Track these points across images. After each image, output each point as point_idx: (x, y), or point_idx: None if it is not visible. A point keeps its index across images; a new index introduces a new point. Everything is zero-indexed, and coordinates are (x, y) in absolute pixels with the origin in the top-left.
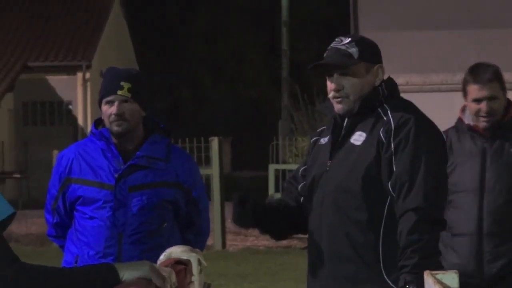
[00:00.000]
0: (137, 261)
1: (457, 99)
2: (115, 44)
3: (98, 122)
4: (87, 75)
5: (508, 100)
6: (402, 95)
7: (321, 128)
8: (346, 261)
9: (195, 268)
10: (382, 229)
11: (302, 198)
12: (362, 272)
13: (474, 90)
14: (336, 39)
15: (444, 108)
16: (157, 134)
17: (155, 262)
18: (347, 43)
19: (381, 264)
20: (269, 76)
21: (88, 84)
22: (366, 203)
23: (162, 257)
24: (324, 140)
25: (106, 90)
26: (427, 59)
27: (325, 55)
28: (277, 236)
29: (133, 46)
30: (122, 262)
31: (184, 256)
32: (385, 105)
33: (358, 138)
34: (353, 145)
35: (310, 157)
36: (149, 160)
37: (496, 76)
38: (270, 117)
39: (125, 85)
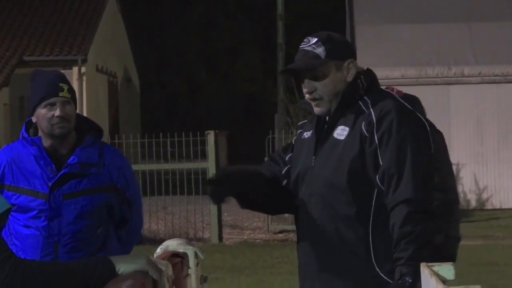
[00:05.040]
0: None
1: (453, 92)
2: (110, 39)
3: (28, 125)
4: (83, 69)
5: None
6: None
7: (303, 121)
8: (337, 256)
9: (191, 261)
10: (371, 222)
11: (285, 181)
12: (353, 266)
13: None
14: (304, 40)
15: (440, 101)
16: (89, 137)
17: None
18: (314, 43)
19: (373, 257)
20: (265, 70)
21: (84, 78)
22: (354, 198)
23: (158, 250)
24: (307, 134)
25: (46, 92)
26: (423, 52)
27: (295, 57)
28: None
29: (129, 40)
30: (118, 255)
31: (181, 249)
32: (365, 97)
33: (341, 132)
34: (336, 139)
35: (294, 152)
36: (82, 166)
37: None
38: (266, 110)
39: (64, 86)
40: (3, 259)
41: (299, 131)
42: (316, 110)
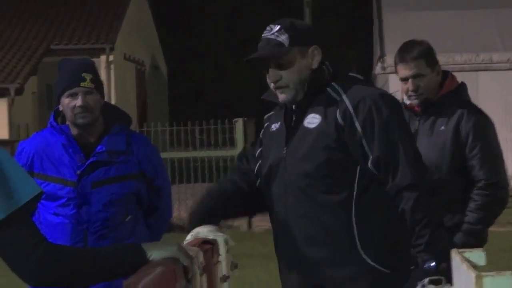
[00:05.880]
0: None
1: (481, 78)
2: (138, 27)
3: (56, 114)
4: (111, 57)
5: (446, 75)
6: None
7: (269, 114)
8: (321, 246)
9: (222, 248)
10: (353, 209)
11: (258, 181)
12: (337, 255)
13: (399, 69)
14: (267, 28)
15: (468, 88)
16: (117, 125)
17: None
18: (277, 31)
19: (358, 244)
20: None
21: (112, 66)
22: (333, 186)
23: (189, 237)
24: (275, 127)
25: (68, 82)
26: (450, 39)
27: (258, 45)
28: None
29: (156, 28)
30: (149, 242)
31: (211, 236)
32: (334, 84)
33: (311, 120)
34: (307, 128)
35: (263, 144)
36: (110, 154)
37: (421, 54)
38: None
39: (87, 76)
40: (35, 243)
41: (266, 124)
42: (281, 97)
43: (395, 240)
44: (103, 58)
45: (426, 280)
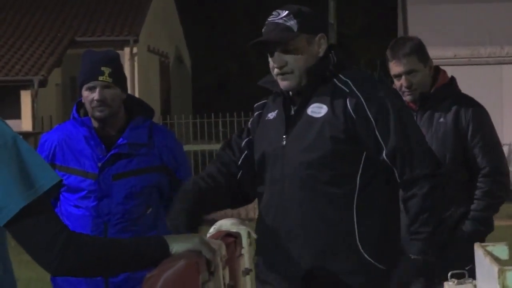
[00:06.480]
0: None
1: (506, 72)
2: (162, 19)
3: (79, 105)
4: (135, 50)
5: (437, 70)
6: (450, 68)
7: (263, 102)
8: (319, 236)
9: (245, 241)
10: (355, 202)
11: (240, 173)
12: (336, 246)
13: (392, 66)
14: (273, 13)
15: (492, 81)
16: (139, 117)
17: None
18: (285, 16)
19: (357, 237)
20: None
21: (136, 59)
22: (336, 178)
23: (212, 230)
24: (272, 115)
25: (87, 75)
26: (475, 32)
27: (263, 30)
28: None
29: (180, 20)
30: (171, 235)
31: (234, 229)
32: (341, 76)
33: (317, 110)
34: (311, 117)
35: (257, 133)
36: (131, 147)
37: (413, 50)
38: None
39: (106, 70)
40: (57, 231)
41: (257, 112)
42: (284, 84)
43: (394, 238)
44: (127, 50)
45: (449, 274)
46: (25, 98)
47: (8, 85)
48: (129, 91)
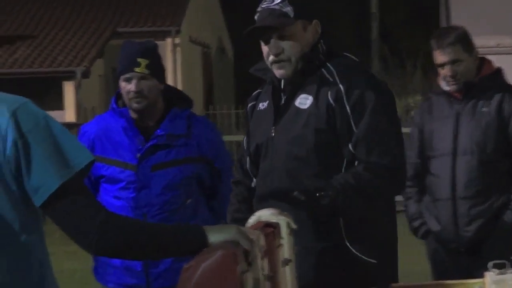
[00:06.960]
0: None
1: None
2: (203, 9)
3: (118, 96)
4: (177, 40)
5: (482, 59)
6: (493, 57)
7: (257, 92)
8: (305, 231)
9: (284, 231)
10: None
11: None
12: (322, 241)
13: (437, 55)
14: None
15: None
16: (177, 108)
17: None
18: (280, 2)
19: (343, 232)
20: (359, 40)
21: (178, 49)
22: (321, 170)
23: (251, 220)
24: (263, 105)
25: (123, 67)
26: None
27: (256, 17)
28: None
29: (222, 10)
30: (209, 225)
31: (273, 219)
32: (328, 65)
33: (303, 101)
34: (298, 108)
35: (251, 124)
36: (169, 138)
37: (457, 39)
38: None
39: (142, 61)
40: (94, 210)
41: (251, 103)
42: (279, 72)
43: (382, 230)
44: (169, 41)
45: (491, 264)
46: (68, 89)
47: (51, 76)
48: (171, 82)
